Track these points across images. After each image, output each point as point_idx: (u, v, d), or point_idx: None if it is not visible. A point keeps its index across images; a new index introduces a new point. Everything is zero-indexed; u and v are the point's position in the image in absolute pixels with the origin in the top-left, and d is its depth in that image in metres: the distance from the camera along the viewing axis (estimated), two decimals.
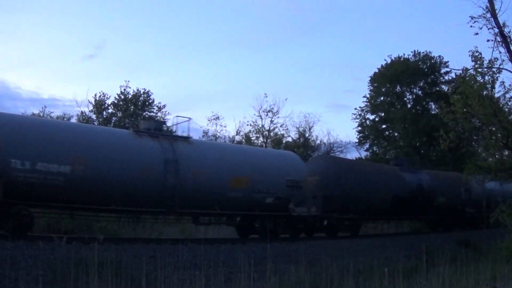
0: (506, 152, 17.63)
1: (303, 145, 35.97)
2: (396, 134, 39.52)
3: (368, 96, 40.03)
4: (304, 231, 19.53)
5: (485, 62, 15.77)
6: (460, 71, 16.93)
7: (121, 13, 68.79)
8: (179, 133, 17.66)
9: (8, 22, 60.08)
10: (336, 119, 69.74)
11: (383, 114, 39.59)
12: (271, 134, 35.32)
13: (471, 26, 14.87)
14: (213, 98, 63.05)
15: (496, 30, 14.99)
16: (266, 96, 35.54)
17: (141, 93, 32.63)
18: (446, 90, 35.19)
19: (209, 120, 34.29)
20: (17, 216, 12.45)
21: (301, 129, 37.08)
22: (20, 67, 60.86)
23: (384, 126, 40.16)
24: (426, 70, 38.93)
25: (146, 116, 32.23)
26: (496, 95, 16.47)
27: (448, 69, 37.95)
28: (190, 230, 19.56)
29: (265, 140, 34.70)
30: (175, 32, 72.21)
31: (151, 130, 15.89)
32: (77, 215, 14.84)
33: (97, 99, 31.38)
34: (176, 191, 14.83)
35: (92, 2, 63.67)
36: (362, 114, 40.24)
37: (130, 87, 32.32)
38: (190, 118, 17.72)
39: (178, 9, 74.01)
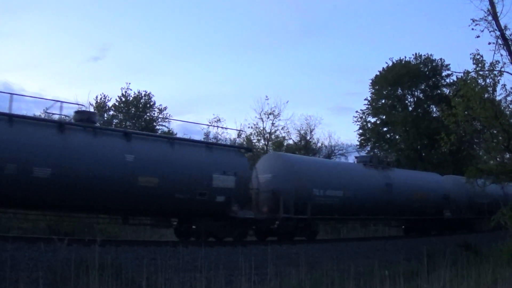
0: (507, 155, 17.62)
1: (304, 147, 35.89)
2: (397, 137, 39.42)
3: (369, 98, 40.05)
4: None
5: (487, 65, 15.78)
6: (462, 74, 16.92)
7: (126, 15, 68.97)
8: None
9: (13, 24, 60.31)
10: (338, 122, 69.80)
11: (384, 117, 39.51)
12: (272, 136, 35.26)
13: (472, 29, 14.87)
14: (215, 101, 63.14)
15: (498, 32, 15.00)
16: (268, 99, 35.21)
17: (142, 95, 32.61)
18: (447, 93, 35.12)
19: (210, 122, 34.27)
20: (312, 227, 18.35)
21: (302, 132, 37.00)
22: (24, 69, 60.99)
23: (385, 129, 40.10)
24: (427, 72, 38.85)
25: (147, 118, 32.21)
26: (498, 98, 16.49)
27: (449, 72, 37.79)
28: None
29: (266, 143, 34.62)
30: (178, 35, 72.37)
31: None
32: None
33: (98, 101, 31.39)
34: (390, 204, 21.61)
35: (98, 4, 63.89)
36: (364, 117, 40.25)
37: (131, 89, 32.36)
38: None
39: (182, 12, 74.27)
